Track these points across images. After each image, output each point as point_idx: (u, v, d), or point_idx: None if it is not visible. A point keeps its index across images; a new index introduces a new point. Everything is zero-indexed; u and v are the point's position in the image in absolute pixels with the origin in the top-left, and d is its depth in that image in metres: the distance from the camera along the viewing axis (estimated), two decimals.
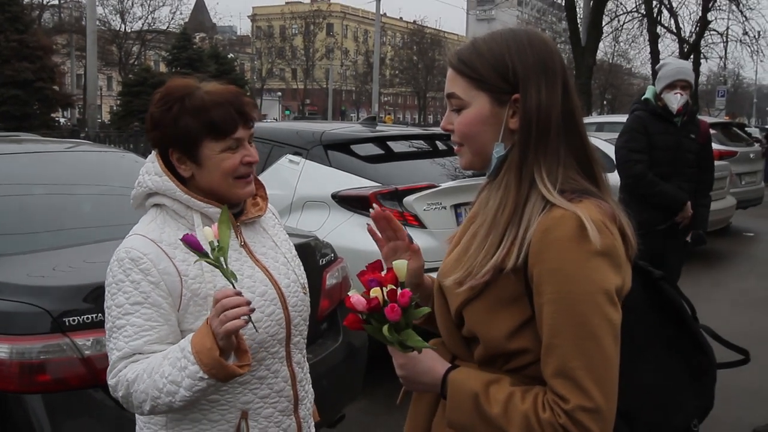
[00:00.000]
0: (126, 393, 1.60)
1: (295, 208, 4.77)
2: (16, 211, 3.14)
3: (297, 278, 1.86)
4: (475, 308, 1.36)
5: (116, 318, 1.62)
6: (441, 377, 1.37)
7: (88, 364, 2.31)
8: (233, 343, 1.51)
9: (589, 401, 1.21)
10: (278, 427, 1.79)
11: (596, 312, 1.23)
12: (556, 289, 1.24)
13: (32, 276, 2.54)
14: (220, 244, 1.50)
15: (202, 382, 1.50)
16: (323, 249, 3.41)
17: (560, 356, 1.24)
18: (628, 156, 4.52)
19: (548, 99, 1.32)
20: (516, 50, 1.34)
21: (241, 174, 1.72)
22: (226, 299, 1.47)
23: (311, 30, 61.06)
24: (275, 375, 1.78)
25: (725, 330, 1.63)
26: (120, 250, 1.66)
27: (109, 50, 42.88)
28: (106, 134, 22.24)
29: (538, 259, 1.26)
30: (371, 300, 1.28)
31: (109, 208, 3.29)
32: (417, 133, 5.86)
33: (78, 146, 4.44)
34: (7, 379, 2.26)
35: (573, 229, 1.24)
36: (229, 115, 1.67)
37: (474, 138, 1.39)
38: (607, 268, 1.25)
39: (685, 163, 4.50)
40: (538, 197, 1.31)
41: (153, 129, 1.72)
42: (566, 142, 1.34)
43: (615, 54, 45.89)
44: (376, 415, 4.32)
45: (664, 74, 4.45)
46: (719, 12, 26.15)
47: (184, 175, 1.71)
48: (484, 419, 1.30)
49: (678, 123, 4.48)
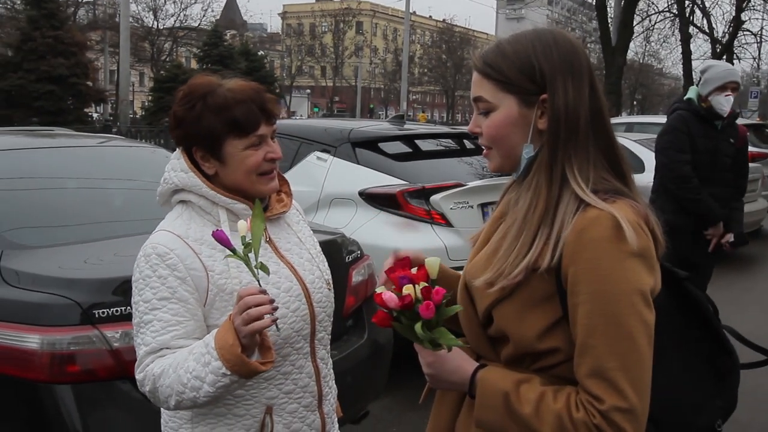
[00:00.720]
0: (153, 388, 1.60)
1: (322, 205, 4.78)
2: (48, 205, 3.19)
3: (322, 274, 1.86)
4: (506, 308, 1.35)
5: (144, 313, 1.63)
6: (470, 376, 1.36)
7: (116, 356, 2.33)
8: (256, 340, 1.51)
9: (624, 402, 1.21)
10: (302, 422, 1.79)
11: (632, 312, 1.23)
12: (593, 289, 1.24)
13: (63, 268, 2.57)
14: (252, 240, 1.50)
15: (224, 379, 1.50)
16: (350, 246, 3.41)
17: (596, 356, 1.23)
18: (674, 156, 4.36)
19: (576, 98, 1.32)
20: (542, 50, 1.34)
21: (265, 170, 1.72)
22: (250, 297, 1.46)
23: (341, 28, 61.12)
24: (300, 371, 1.78)
25: (755, 335, 1.61)
26: (147, 246, 1.67)
27: (142, 47, 43.29)
28: (137, 129, 22.48)
29: (574, 259, 1.26)
30: (404, 297, 1.27)
31: (140, 203, 3.32)
32: (445, 132, 5.85)
33: (110, 141, 4.50)
34: (37, 369, 2.29)
35: (609, 230, 1.24)
36: (251, 113, 1.67)
37: (503, 140, 1.38)
38: (642, 269, 1.25)
39: (722, 167, 4.37)
40: (572, 196, 1.30)
41: (176, 127, 1.73)
42: (594, 141, 1.33)
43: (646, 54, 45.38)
44: (399, 412, 4.32)
45: (714, 76, 4.28)
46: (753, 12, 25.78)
47: (208, 173, 1.72)
48: (515, 419, 1.29)
49: (719, 126, 4.35)
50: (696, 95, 4.39)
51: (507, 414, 1.30)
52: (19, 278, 2.48)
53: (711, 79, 4.29)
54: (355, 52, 64.12)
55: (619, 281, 1.23)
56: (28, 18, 29.43)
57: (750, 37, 26.63)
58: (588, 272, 1.24)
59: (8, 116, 26.38)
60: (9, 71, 28.50)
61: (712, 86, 4.27)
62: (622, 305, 1.23)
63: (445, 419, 1.51)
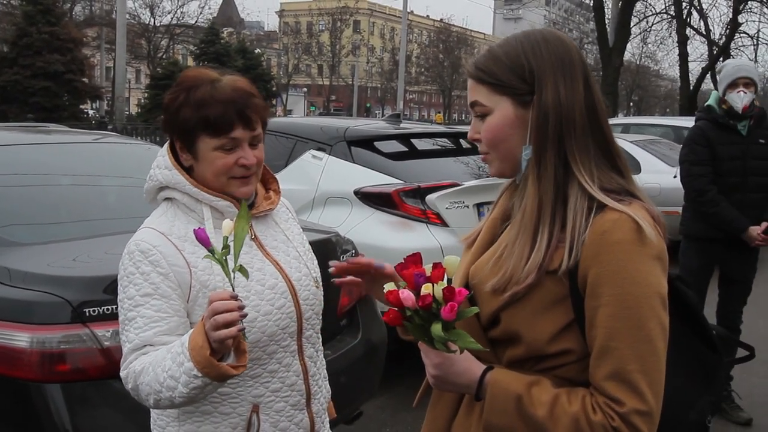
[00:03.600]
0: (134, 385, 1.59)
1: (317, 203, 4.76)
2: (40, 201, 3.17)
3: (309, 272, 1.84)
4: (517, 311, 1.33)
5: (128, 310, 1.63)
6: (478, 378, 1.33)
7: (107, 355, 2.31)
8: (227, 345, 1.47)
9: (644, 404, 1.22)
10: (290, 421, 1.78)
11: (653, 316, 1.24)
12: (617, 292, 1.23)
13: (53, 266, 2.55)
14: (234, 241, 1.47)
15: (196, 380, 1.48)
16: (344, 245, 3.39)
17: (617, 359, 1.23)
18: (689, 170, 4.32)
19: (569, 94, 1.32)
20: (530, 49, 1.34)
21: (236, 175, 1.69)
22: (218, 303, 1.43)
23: (338, 27, 61.09)
24: (287, 369, 1.77)
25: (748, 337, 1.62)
26: (131, 243, 1.67)
27: (138, 44, 43.27)
28: (133, 126, 22.45)
29: (596, 261, 1.25)
30: (425, 297, 1.23)
31: (133, 200, 3.29)
32: (441, 131, 5.84)
33: (105, 138, 4.47)
34: (27, 367, 2.27)
35: (633, 233, 1.24)
36: (226, 114, 1.64)
37: (501, 143, 1.37)
38: (660, 272, 1.27)
39: (756, 171, 4.24)
40: (579, 193, 1.29)
41: (163, 113, 1.74)
42: (592, 137, 1.33)
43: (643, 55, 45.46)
44: (393, 412, 4.30)
45: (725, 74, 4.23)
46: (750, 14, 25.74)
47: (184, 165, 1.72)
48: (528, 422, 1.27)
49: (744, 131, 4.24)
50: (716, 100, 4.32)
51: (519, 417, 1.28)
52: (9, 275, 2.46)
53: (723, 77, 4.25)
54: (352, 51, 64.10)
55: (643, 284, 1.23)
56: (24, 13, 29.38)
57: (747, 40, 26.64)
58: (612, 275, 1.24)
59: (3, 112, 26.36)
60: (4, 67, 28.49)
61: (724, 84, 4.22)
62: (644, 309, 1.23)
63: (442, 422, 1.49)
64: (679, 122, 11.99)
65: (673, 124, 12.32)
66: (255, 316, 1.66)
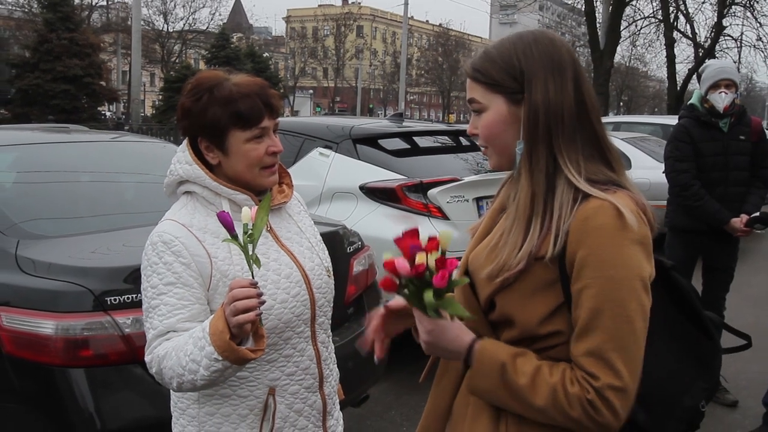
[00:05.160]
0: (158, 369, 1.60)
1: (324, 198, 4.76)
2: (61, 197, 3.17)
3: (321, 262, 1.85)
4: (510, 296, 1.35)
5: (151, 299, 1.63)
6: (467, 345, 1.35)
7: (127, 341, 2.32)
8: (246, 330, 1.48)
9: (619, 380, 1.23)
10: (304, 403, 1.79)
11: (633, 297, 1.25)
12: (598, 274, 1.24)
13: (75, 257, 2.55)
14: (253, 230, 1.48)
15: (217, 363, 1.49)
16: (351, 237, 3.39)
17: (597, 337, 1.24)
18: (673, 166, 4.33)
19: (558, 92, 1.32)
20: (522, 49, 1.35)
21: (266, 164, 1.71)
22: (238, 290, 1.45)
23: (342, 31, 60.91)
24: (301, 353, 1.77)
25: (736, 323, 1.61)
26: (153, 235, 1.67)
27: (153, 49, 43.19)
28: (148, 127, 22.46)
29: (579, 245, 1.26)
30: (418, 266, 1.25)
31: (149, 195, 3.30)
32: (441, 129, 5.83)
33: (122, 137, 4.47)
34: (52, 353, 2.28)
35: (613, 218, 1.25)
36: (255, 106, 1.66)
37: (496, 139, 1.39)
38: (642, 256, 1.27)
39: (736, 167, 4.26)
40: (566, 185, 1.30)
41: (183, 118, 1.72)
42: (582, 133, 1.33)
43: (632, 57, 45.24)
44: (397, 395, 4.32)
45: (707, 75, 4.23)
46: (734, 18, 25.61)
47: (211, 163, 1.71)
48: (509, 389, 1.29)
49: (725, 127, 4.25)
50: (698, 99, 4.32)
51: (502, 383, 1.30)
52: (35, 267, 2.46)
53: (705, 78, 4.24)
54: (355, 55, 63.98)
55: (623, 267, 1.24)
56: (44, 21, 29.39)
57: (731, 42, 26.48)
58: (593, 258, 1.25)
59: (26, 114, 26.41)
60: (26, 71, 28.53)
61: (706, 85, 4.22)
62: (625, 290, 1.24)
63: (444, 398, 1.51)
64: (667, 121, 11.96)
65: (661, 122, 12.30)
66: (272, 304, 1.66)
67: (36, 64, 28.43)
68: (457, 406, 1.47)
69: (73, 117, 25.02)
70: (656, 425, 1.37)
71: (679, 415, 1.41)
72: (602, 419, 1.23)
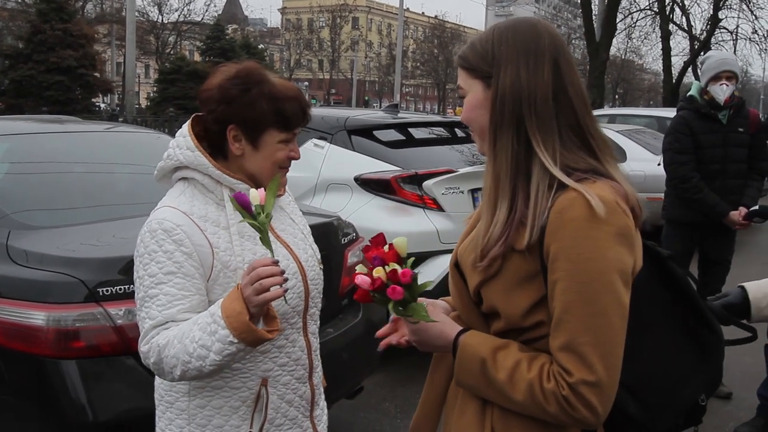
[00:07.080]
0: (157, 359, 1.57)
1: (319, 189, 4.74)
2: (55, 187, 3.14)
3: (314, 253, 1.86)
4: (493, 287, 1.34)
5: (149, 287, 1.60)
6: (452, 340, 1.37)
7: (119, 333, 2.31)
8: (264, 310, 1.50)
9: (592, 375, 1.21)
10: (294, 393, 1.79)
11: (607, 290, 1.22)
12: (570, 267, 1.22)
13: (67, 248, 2.53)
14: (266, 211, 1.50)
15: (231, 347, 1.48)
16: (345, 229, 3.38)
17: (569, 331, 1.23)
18: (673, 158, 4.31)
19: (530, 77, 1.31)
20: (498, 36, 1.36)
21: (284, 165, 1.75)
22: (263, 268, 1.46)
23: (338, 23, 60.74)
24: (293, 344, 1.77)
25: None
26: (152, 221, 1.64)
27: (147, 40, 43.01)
28: (143, 119, 22.32)
29: (554, 237, 1.24)
30: (375, 281, 1.30)
31: (143, 186, 3.27)
32: (436, 120, 5.82)
33: (116, 127, 4.44)
34: (43, 344, 2.27)
35: (587, 210, 1.22)
36: (298, 110, 1.69)
37: (473, 122, 1.40)
38: (620, 248, 1.24)
39: (735, 159, 4.25)
40: (541, 171, 1.29)
41: (221, 102, 1.66)
42: (558, 118, 1.31)
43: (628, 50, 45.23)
44: (391, 387, 4.31)
45: (708, 67, 4.20)
46: (730, 10, 25.59)
47: (235, 153, 1.69)
48: (490, 384, 1.30)
49: (724, 119, 4.23)
50: (698, 90, 4.30)
51: (483, 379, 1.31)
52: (26, 257, 2.44)
53: (706, 70, 4.22)
54: (351, 47, 63.75)
55: (596, 260, 1.22)
56: (38, 11, 29.17)
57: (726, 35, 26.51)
58: (566, 250, 1.23)
59: (19, 105, 26.23)
60: (20, 62, 28.31)
61: (707, 77, 4.20)
62: (597, 283, 1.22)
63: (438, 387, 1.52)
64: (662, 113, 11.98)
65: (656, 114, 12.32)
66: None
67: (29, 55, 28.21)
68: (450, 397, 1.48)
69: (67, 108, 24.83)
70: (649, 417, 1.35)
71: (677, 407, 1.40)
72: (578, 415, 1.22)
